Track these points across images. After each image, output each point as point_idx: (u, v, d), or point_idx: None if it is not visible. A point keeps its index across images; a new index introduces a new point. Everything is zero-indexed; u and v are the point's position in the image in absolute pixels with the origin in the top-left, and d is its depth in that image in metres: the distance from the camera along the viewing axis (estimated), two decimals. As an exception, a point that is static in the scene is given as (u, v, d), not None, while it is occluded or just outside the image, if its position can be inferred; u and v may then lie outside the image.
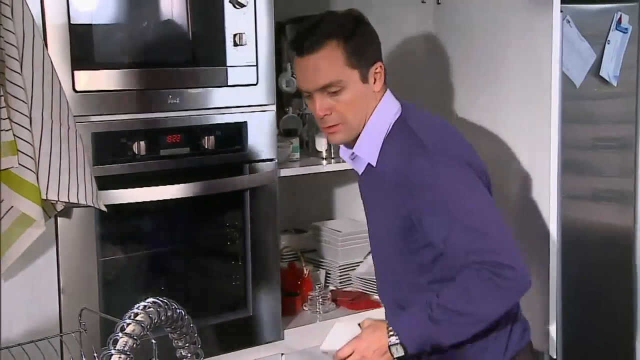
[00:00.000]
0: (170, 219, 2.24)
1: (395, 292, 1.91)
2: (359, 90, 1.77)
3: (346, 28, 1.77)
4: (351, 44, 1.75)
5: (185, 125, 2.13)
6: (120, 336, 1.05)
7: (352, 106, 1.77)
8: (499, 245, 1.69)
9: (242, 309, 2.28)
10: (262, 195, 2.27)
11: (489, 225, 1.71)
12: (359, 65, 1.76)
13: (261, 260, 2.29)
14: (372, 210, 1.91)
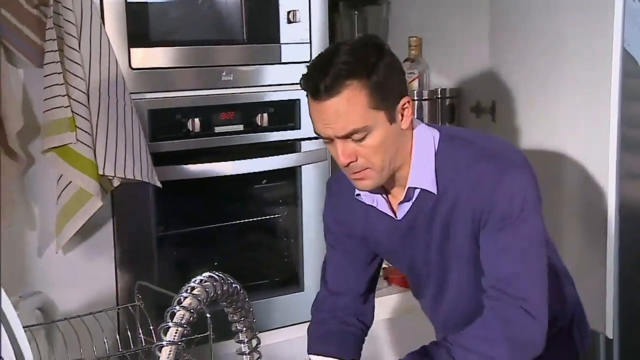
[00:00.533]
0: (224, 196, 2.26)
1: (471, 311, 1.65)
2: (386, 132, 1.52)
3: (368, 63, 1.49)
4: (374, 82, 1.48)
5: (239, 102, 2.14)
6: (177, 309, 1.06)
7: (380, 150, 1.52)
8: (531, 289, 1.55)
9: (294, 285, 2.30)
10: (314, 173, 2.28)
11: (535, 262, 1.56)
12: (384, 106, 1.50)
13: (313, 237, 2.29)
14: (434, 243, 1.64)
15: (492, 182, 1.52)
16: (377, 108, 1.49)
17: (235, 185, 2.22)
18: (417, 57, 2.66)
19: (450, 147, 1.58)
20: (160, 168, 1.98)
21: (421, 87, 2.64)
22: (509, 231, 1.54)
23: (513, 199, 1.52)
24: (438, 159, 1.58)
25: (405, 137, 1.56)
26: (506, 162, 1.54)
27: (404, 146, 1.56)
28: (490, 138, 1.67)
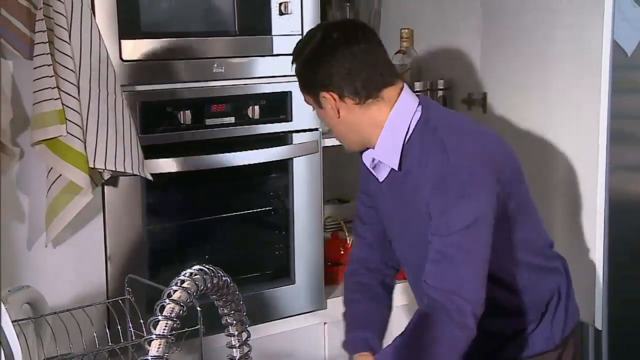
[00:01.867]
0: (215, 188, 2.26)
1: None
2: (323, 115, 1.78)
3: (299, 54, 1.76)
4: (300, 75, 1.77)
5: (231, 94, 2.13)
6: (167, 302, 1.06)
7: (330, 125, 1.79)
8: (466, 279, 1.63)
9: (285, 278, 2.30)
10: (306, 165, 2.27)
11: (470, 255, 1.64)
12: (308, 92, 1.77)
13: (304, 230, 2.29)
14: (399, 211, 1.80)
15: (439, 170, 1.65)
16: (306, 92, 1.78)
17: (226, 177, 2.22)
18: (409, 49, 2.66)
19: (422, 136, 1.70)
20: (151, 161, 1.97)
21: (413, 79, 2.63)
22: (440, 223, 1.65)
23: (450, 187, 1.64)
24: (408, 142, 1.71)
25: (357, 121, 1.72)
26: (453, 155, 1.65)
27: (360, 128, 1.73)
28: (459, 129, 1.75)
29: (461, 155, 1.65)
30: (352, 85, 1.69)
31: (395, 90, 1.73)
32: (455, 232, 1.63)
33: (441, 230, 1.65)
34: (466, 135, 1.74)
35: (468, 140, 1.71)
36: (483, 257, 1.65)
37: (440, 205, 1.65)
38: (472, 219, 1.63)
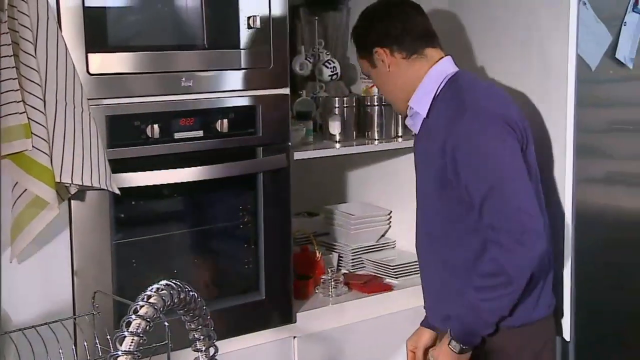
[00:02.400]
0: (184, 202, 2.25)
1: (430, 244, 2.11)
2: (376, 75, 2.13)
3: (355, 28, 2.17)
4: (357, 38, 2.15)
5: (199, 108, 2.12)
6: (133, 318, 1.05)
7: (382, 87, 2.18)
8: (523, 214, 1.88)
9: (254, 292, 2.29)
10: (275, 179, 2.27)
11: (518, 193, 1.90)
12: (363, 55, 2.13)
13: (273, 244, 2.29)
14: (420, 164, 2.11)
15: (451, 124, 1.93)
16: (361, 58, 2.14)
17: (194, 191, 2.21)
18: (377, 63, 2.67)
19: (449, 91, 2.01)
20: (118, 175, 1.96)
21: (381, 92, 2.65)
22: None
23: (466, 138, 1.91)
24: (439, 96, 2.01)
25: (404, 75, 2.05)
26: (466, 111, 1.94)
27: (406, 81, 2.06)
28: (484, 90, 2.06)
29: (478, 111, 1.92)
30: (401, 42, 2.05)
31: (437, 52, 2.07)
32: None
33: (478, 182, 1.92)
34: (490, 94, 2.03)
35: (490, 99, 2.00)
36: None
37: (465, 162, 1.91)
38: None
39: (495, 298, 1.91)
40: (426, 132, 2.05)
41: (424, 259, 2.17)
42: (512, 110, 2.00)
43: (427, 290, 2.18)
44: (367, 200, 2.92)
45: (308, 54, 2.79)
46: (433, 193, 2.04)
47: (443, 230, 2.05)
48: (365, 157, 2.85)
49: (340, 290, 2.52)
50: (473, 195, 1.92)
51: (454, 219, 2.01)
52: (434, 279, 2.12)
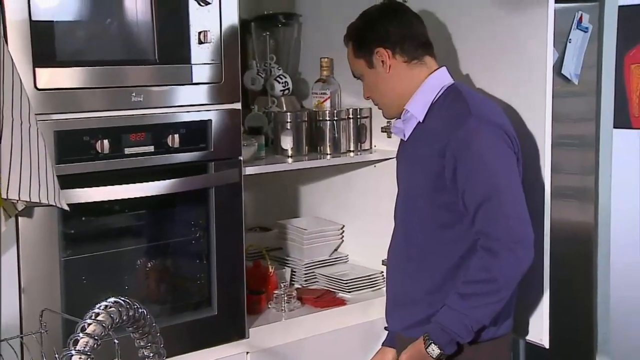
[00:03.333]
0: (135, 218, 2.23)
1: (408, 248, 2.11)
2: (371, 76, 2.11)
3: (355, 26, 2.15)
4: (358, 36, 2.12)
5: (150, 123, 2.11)
6: (80, 336, 1.04)
7: (375, 90, 2.13)
8: (517, 223, 1.92)
9: (206, 308, 2.28)
10: (227, 194, 2.26)
11: (514, 203, 1.93)
12: (361, 54, 2.11)
13: (226, 259, 2.28)
14: (410, 168, 2.11)
15: (468, 139, 1.94)
16: (358, 57, 2.12)
17: (145, 207, 2.19)
18: (329, 77, 2.70)
19: (450, 97, 2.03)
20: (67, 191, 1.93)
21: (333, 107, 2.67)
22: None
23: (470, 142, 1.93)
24: (437, 101, 2.03)
25: (402, 79, 2.07)
26: (475, 116, 1.96)
27: (403, 86, 2.07)
28: (483, 101, 2.10)
29: (482, 118, 1.95)
30: (404, 46, 2.06)
31: (434, 62, 2.11)
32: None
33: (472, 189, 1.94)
34: (489, 105, 2.07)
35: (489, 109, 2.03)
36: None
37: (464, 167, 1.93)
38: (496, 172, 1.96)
39: (482, 305, 1.92)
40: (420, 137, 2.06)
41: (398, 265, 2.16)
42: (508, 122, 2.04)
43: (395, 297, 2.17)
44: (319, 215, 2.93)
45: (260, 68, 2.80)
46: (423, 198, 2.05)
47: (428, 236, 2.05)
48: (318, 171, 2.86)
49: (293, 305, 2.52)
50: (468, 200, 1.93)
51: (443, 225, 2.02)
52: (407, 285, 2.11)
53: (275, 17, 2.85)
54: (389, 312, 2.20)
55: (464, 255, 1.99)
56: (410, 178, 2.11)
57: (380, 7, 2.18)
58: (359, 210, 2.80)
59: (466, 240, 1.98)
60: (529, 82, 2.19)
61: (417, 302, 2.07)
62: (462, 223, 1.98)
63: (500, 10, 2.24)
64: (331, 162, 2.64)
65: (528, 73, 2.19)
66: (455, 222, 1.99)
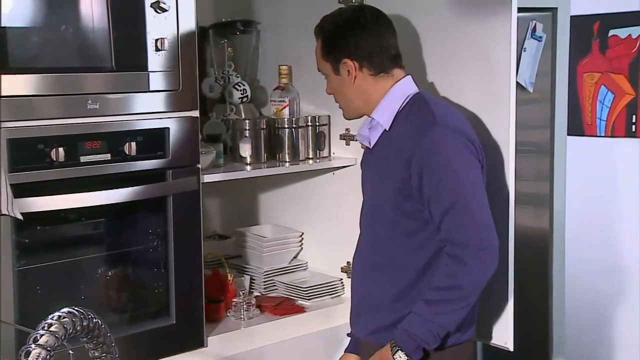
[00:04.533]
0: (91, 227, 2.20)
1: (373, 254, 2.11)
2: (336, 80, 2.12)
3: (330, 24, 2.11)
4: (327, 41, 2.10)
5: (106, 131, 2.09)
6: (32, 348, 1.02)
7: (338, 92, 2.14)
8: (483, 230, 1.94)
9: (164, 317, 2.25)
10: (185, 202, 2.25)
11: (480, 210, 1.95)
12: (328, 59, 2.10)
13: (184, 267, 2.26)
14: (376, 176, 2.11)
15: (433, 147, 1.95)
16: (325, 60, 2.11)
17: (102, 215, 2.17)
18: (287, 85, 2.70)
19: (415, 105, 2.04)
20: (21, 199, 1.90)
21: (292, 115, 2.67)
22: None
23: (436, 150, 1.95)
24: (402, 109, 2.04)
25: (366, 90, 2.07)
26: (436, 125, 1.97)
27: (366, 95, 2.08)
28: (448, 109, 2.11)
29: (447, 127, 1.97)
30: (372, 60, 2.05)
31: (401, 71, 2.10)
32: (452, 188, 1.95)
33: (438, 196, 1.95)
34: (453, 113, 2.08)
35: (454, 117, 2.05)
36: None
37: (429, 174, 1.94)
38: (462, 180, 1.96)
39: (449, 312, 1.93)
40: (385, 145, 2.07)
41: (364, 271, 2.16)
42: (472, 131, 2.06)
43: (360, 303, 2.17)
44: (279, 223, 2.93)
45: (218, 76, 2.79)
46: (389, 205, 2.05)
47: (393, 243, 2.06)
48: (277, 179, 2.86)
49: (252, 313, 2.51)
50: (434, 208, 1.94)
51: (407, 233, 2.03)
52: (372, 291, 2.12)
53: (234, 24, 2.85)
54: (353, 318, 2.20)
55: (429, 262, 2.00)
56: (375, 186, 2.12)
57: (354, 13, 2.13)
58: (318, 218, 2.80)
59: (431, 247, 2.00)
60: (492, 91, 2.21)
61: (382, 308, 2.08)
62: (427, 230, 1.99)
63: (463, 19, 2.25)
64: (290, 169, 2.64)
65: (491, 82, 2.21)
66: (420, 229, 2.00)
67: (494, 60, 2.19)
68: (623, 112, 3.71)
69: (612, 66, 3.72)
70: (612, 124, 3.75)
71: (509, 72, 2.17)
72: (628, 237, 3.77)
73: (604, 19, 3.70)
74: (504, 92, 2.18)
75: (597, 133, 3.80)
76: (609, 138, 3.77)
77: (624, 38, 3.67)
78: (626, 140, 3.72)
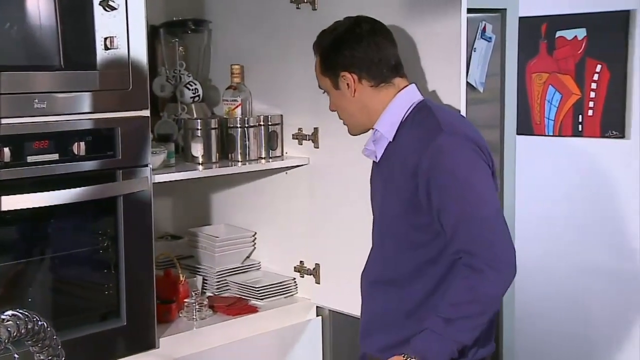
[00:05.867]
0: (40, 228, 2.16)
1: (384, 269, 2.04)
2: (336, 95, 2.06)
3: (326, 39, 2.05)
4: (324, 55, 2.05)
5: (54, 130, 2.06)
6: (-24, 352, 1.00)
7: (339, 108, 2.08)
8: (500, 240, 1.84)
9: (115, 319, 2.23)
10: (136, 202, 2.23)
11: (495, 219, 1.86)
12: (327, 74, 2.05)
13: (135, 268, 2.24)
14: (383, 190, 2.03)
15: (440, 157, 1.87)
16: (324, 75, 2.05)
17: (51, 216, 2.13)
18: (240, 84, 2.69)
19: (419, 113, 1.97)
20: (-35, 201, 1.87)
21: (244, 114, 2.66)
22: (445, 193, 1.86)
23: (443, 158, 1.87)
24: (406, 120, 1.98)
25: (368, 102, 2.00)
26: (456, 138, 1.90)
27: (369, 108, 2.01)
28: (454, 115, 2.08)
29: (454, 134, 1.90)
30: (371, 71, 1.99)
31: (403, 80, 2.04)
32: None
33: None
34: (460, 120, 2.04)
35: (461, 124, 1.99)
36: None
37: (438, 181, 1.86)
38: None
39: (468, 330, 1.84)
40: (391, 157, 2.00)
41: (376, 287, 2.07)
42: (480, 135, 1.99)
43: (371, 320, 2.09)
44: (231, 223, 2.92)
45: (169, 75, 2.77)
46: (397, 219, 1.97)
47: (405, 259, 1.98)
48: (229, 179, 2.85)
49: (204, 313, 2.50)
50: (445, 219, 1.85)
51: (418, 247, 1.94)
52: (384, 308, 2.04)
53: (185, 23, 2.83)
54: (363, 335, 2.11)
55: (443, 276, 1.92)
56: (383, 200, 2.03)
57: (350, 25, 2.04)
58: (271, 217, 2.80)
59: (444, 260, 1.92)
60: (443, 91, 2.23)
61: (394, 324, 1.99)
62: (439, 243, 1.91)
63: (414, 20, 2.27)
64: (242, 169, 2.63)
65: (442, 82, 2.23)
66: (431, 242, 1.92)
67: (445, 60, 2.21)
68: (570, 111, 3.80)
69: (559, 67, 3.80)
70: (560, 124, 3.83)
71: (459, 72, 2.19)
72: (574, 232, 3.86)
73: (551, 21, 3.78)
74: (455, 92, 2.20)
75: (546, 132, 3.88)
76: (557, 137, 3.85)
77: (570, 39, 3.75)
78: (573, 140, 3.81)
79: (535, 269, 3.84)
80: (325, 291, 2.63)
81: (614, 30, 3.61)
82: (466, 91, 2.52)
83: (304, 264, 2.69)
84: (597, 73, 3.68)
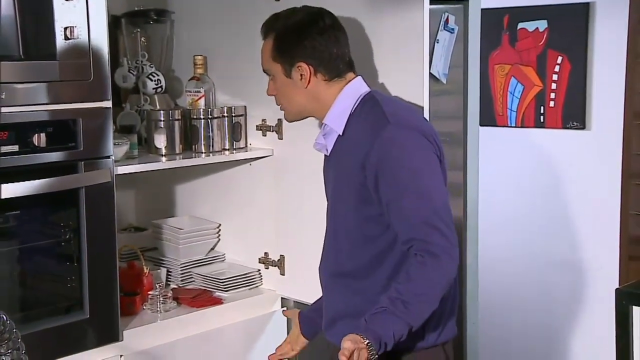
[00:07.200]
0: (0, 220, 2.13)
1: (341, 263, 2.04)
2: (285, 83, 2.04)
3: (282, 24, 2.03)
4: (279, 40, 2.02)
5: (13, 121, 2.03)
6: None
7: (284, 95, 2.06)
8: (448, 227, 1.86)
9: (77, 312, 2.21)
10: (98, 194, 2.21)
11: (442, 209, 1.87)
12: (280, 60, 2.02)
13: (98, 261, 2.22)
14: (336, 182, 2.04)
15: (386, 147, 1.88)
16: (275, 61, 2.02)
17: (11, 209, 2.11)
18: (203, 75, 2.68)
19: (366, 106, 1.99)
20: None
21: (207, 105, 2.65)
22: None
23: (390, 150, 1.88)
24: (354, 112, 1.99)
25: (318, 95, 2.02)
26: (388, 124, 1.91)
27: (317, 101, 2.02)
28: (400, 105, 2.10)
29: (400, 124, 1.91)
30: (329, 65, 2.00)
31: (352, 74, 2.05)
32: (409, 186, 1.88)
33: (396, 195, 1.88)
34: (407, 110, 2.06)
35: (407, 114, 2.01)
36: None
37: (386, 172, 1.87)
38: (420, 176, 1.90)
39: (426, 312, 1.85)
40: (341, 149, 2.01)
41: (334, 279, 2.08)
42: (428, 125, 2.02)
43: (332, 311, 2.09)
44: (195, 214, 2.90)
45: (131, 66, 2.75)
46: (349, 212, 1.99)
47: (357, 250, 1.99)
48: (193, 170, 2.83)
49: (168, 305, 2.49)
50: (395, 209, 1.87)
51: (370, 239, 1.96)
52: (343, 299, 2.05)
53: (147, 13, 2.80)
54: (328, 325, 2.10)
55: (395, 268, 1.93)
56: (335, 192, 2.05)
57: (313, 17, 2.02)
58: (236, 209, 2.80)
59: (396, 252, 1.93)
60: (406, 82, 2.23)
61: (359, 314, 1.94)
62: (391, 235, 1.92)
63: (377, 12, 2.27)
64: (206, 160, 2.62)
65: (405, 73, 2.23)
66: (383, 234, 1.94)
67: (408, 52, 2.22)
68: (532, 103, 3.84)
69: (521, 58, 3.84)
70: (522, 115, 3.87)
71: (422, 64, 2.20)
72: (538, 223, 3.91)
73: (513, 12, 3.81)
74: (418, 83, 2.21)
75: (508, 123, 3.92)
76: (519, 128, 3.89)
77: (532, 31, 3.79)
78: (535, 131, 3.85)
79: (498, 259, 3.88)
80: (290, 282, 2.64)
81: (574, 22, 3.66)
82: (429, 83, 2.55)
83: (269, 256, 2.69)
84: (558, 65, 3.73)
